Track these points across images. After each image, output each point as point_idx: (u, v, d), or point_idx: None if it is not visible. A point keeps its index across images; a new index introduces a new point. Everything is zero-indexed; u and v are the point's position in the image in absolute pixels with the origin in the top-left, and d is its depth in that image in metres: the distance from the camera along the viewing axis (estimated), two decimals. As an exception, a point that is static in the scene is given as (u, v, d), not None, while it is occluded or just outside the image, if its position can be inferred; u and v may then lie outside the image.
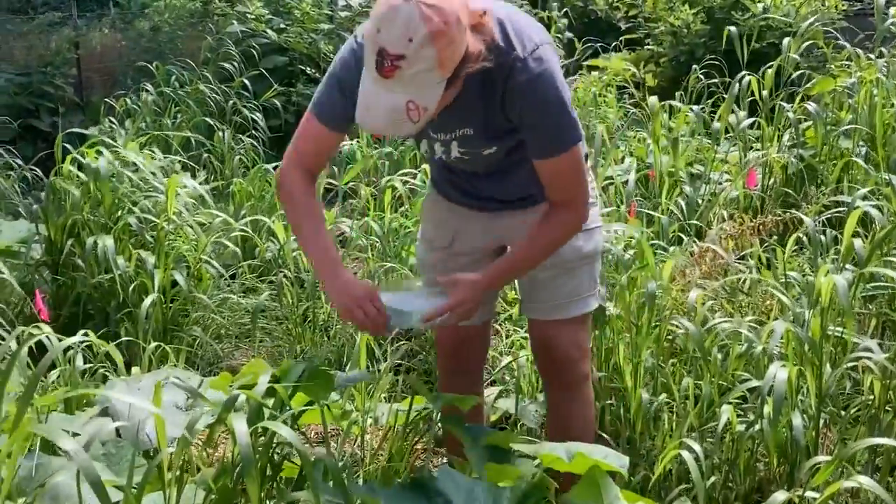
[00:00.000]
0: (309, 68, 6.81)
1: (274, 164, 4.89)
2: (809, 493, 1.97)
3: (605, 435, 2.63)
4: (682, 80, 5.77)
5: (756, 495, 2.43)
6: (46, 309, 3.24)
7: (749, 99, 4.64)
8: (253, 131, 5.88)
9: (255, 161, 5.25)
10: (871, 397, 2.44)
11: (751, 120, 4.50)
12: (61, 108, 6.85)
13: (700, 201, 3.99)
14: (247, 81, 6.20)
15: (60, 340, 2.48)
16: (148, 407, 2.33)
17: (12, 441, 1.52)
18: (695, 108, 4.73)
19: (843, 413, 2.52)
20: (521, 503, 1.72)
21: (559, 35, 6.92)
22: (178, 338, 3.44)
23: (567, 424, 2.33)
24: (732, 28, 5.23)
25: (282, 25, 6.99)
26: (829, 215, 3.42)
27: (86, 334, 2.83)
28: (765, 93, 4.55)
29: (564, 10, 7.67)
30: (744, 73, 4.60)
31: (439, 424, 2.41)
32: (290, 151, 2.16)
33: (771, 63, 4.67)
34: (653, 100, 4.34)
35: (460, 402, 2.15)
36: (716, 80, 5.29)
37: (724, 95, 4.74)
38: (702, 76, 5.35)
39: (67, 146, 4.01)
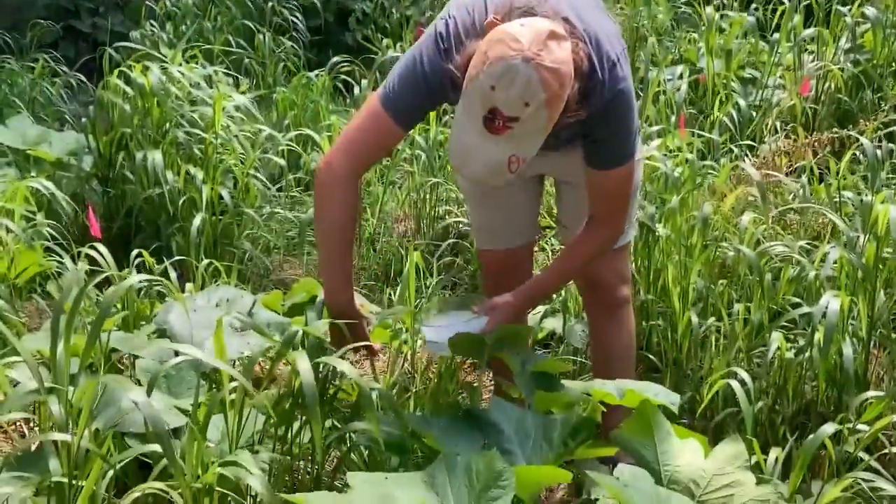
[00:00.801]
0: (350, -37, 6.65)
1: (316, 72, 4.85)
2: (858, 426, 1.99)
3: (650, 355, 2.66)
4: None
5: (802, 417, 2.45)
6: (98, 222, 3.30)
7: (805, 3, 4.47)
8: (293, 33, 5.81)
9: (297, 65, 5.21)
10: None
11: (811, 30, 4.35)
12: (101, 8, 6.79)
13: (753, 114, 3.89)
14: (286, -21, 6.09)
15: (115, 257, 2.56)
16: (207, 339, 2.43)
17: (87, 386, 1.57)
18: (750, 18, 4.56)
19: (893, 336, 2.51)
20: (571, 436, 1.75)
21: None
22: (229, 252, 3.49)
23: (609, 346, 2.37)
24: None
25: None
26: (887, 131, 3.33)
27: (140, 254, 2.91)
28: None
29: None
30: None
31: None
32: (346, 140, 2.01)
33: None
34: (709, 10, 4.21)
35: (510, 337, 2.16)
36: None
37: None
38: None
39: (112, 53, 4.02)
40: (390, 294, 3.34)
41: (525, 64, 1.67)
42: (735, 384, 2.08)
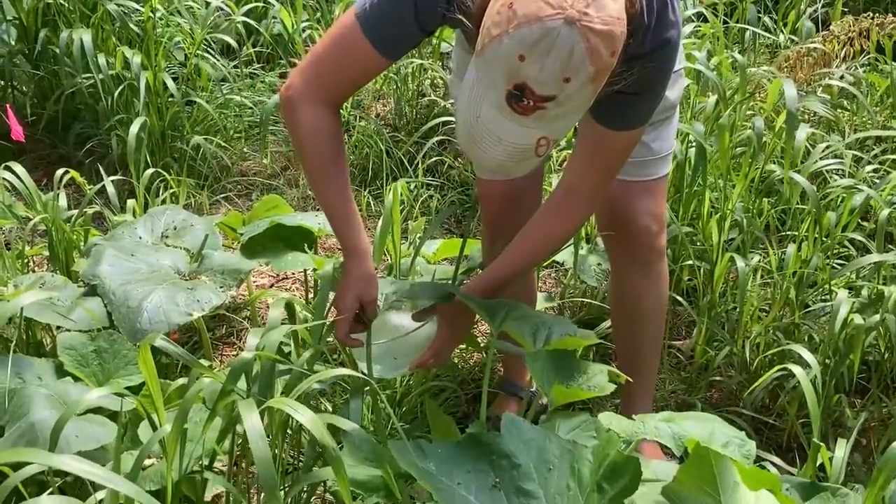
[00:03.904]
0: None
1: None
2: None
3: (679, 297, 2.25)
4: None
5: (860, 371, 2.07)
6: (21, 119, 2.77)
7: None
8: None
9: None
10: None
11: None
12: None
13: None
14: None
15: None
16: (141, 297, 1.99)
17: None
18: None
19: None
20: (608, 479, 1.37)
21: None
22: (179, 149, 2.99)
23: (639, 304, 1.94)
24: None
25: None
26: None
27: (67, 171, 2.43)
28: None
29: None
30: None
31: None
32: (314, 65, 1.54)
33: None
34: None
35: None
36: None
37: None
38: None
39: None
40: (369, 202, 2.88)
41: (568, 28, 1.16)
42: (799, 371, 1.68)
